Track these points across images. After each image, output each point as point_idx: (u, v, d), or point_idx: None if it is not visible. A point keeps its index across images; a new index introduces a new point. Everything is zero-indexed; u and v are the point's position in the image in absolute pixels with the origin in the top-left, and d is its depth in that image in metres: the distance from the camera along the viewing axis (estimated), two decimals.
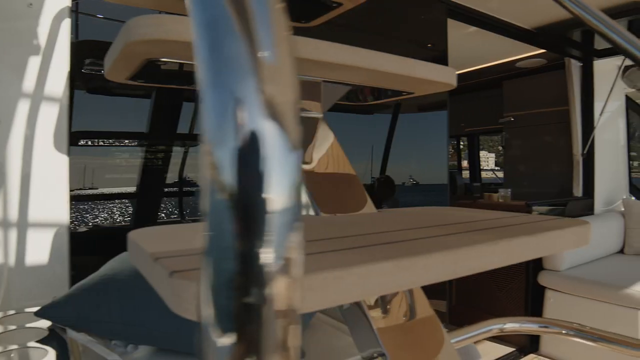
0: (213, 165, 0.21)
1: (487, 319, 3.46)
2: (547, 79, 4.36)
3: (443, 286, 2.95)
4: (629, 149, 4.74)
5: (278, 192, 0.21)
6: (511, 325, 0.95)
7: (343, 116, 2.74)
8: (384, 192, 3.06)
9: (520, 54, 4.17)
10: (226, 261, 0.21)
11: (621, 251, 4.08)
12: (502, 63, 4.41)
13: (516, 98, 4.74)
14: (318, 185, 0.97)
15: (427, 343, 0.81)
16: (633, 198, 4.53)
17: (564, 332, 0.92)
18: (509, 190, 3.77)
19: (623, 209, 4.16)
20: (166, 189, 2.11)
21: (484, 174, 7.12)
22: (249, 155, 0.20)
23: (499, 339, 3.61)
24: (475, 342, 3.41)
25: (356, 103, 1.32)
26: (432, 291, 2.90)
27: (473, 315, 3.77)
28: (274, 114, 0.21)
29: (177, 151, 2.11)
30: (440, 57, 2.94)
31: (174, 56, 0.74)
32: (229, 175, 0.20)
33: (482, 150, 9.73)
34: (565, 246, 0.76)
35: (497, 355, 3.40)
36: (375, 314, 0.78)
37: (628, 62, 4.52)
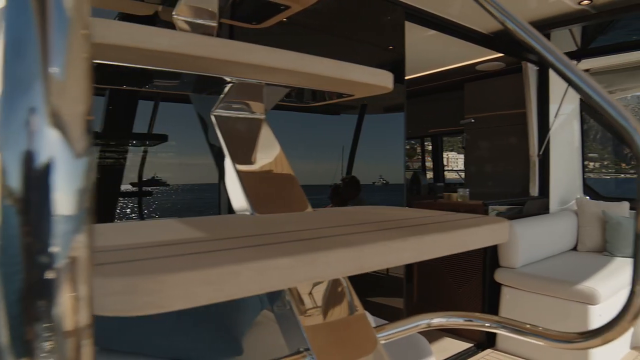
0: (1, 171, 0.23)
1: None
2: (506, 82, 4.49)
3: (401, 284, 3.01)
4: (584, 151, 4.92)
5: (63, 197, 0.23)
6: (438, 320, 0.99)
7: (310, 117, 2.76)
8: (349, 193, 3.10)
9: (480, 57, 4.29)
10: (14, 269, 0.23)
11: (575, 248, 4.24)
12: (463, 66, 4.52)
13: (476, 100, 4.86)
14: (256, 186, 0.99)
15: (355, 340, 0.84)
16: (587, 197, 4.70)
17: (487, 324, 0.97)
18: (467, 190, 3.87)
19: (576, 208, 4.32)
20: (123, 189, 2.10)
21: (450, 175, 7.26)
22: (34, 163, 0.23)
23: (458, 335, 3.70)
24: (436, 339, 3.49)
25: (299, 104, 1.35)
26: (390, 290, 2.96)
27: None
28: (60, 124, 0.23)
29: (134, 150, 2.10)
30: (399, 59, 3.00)
31: (103, 58, 0.76)
32: (15, 182, 0.23)
33: (452, 151, 9.91)
34: (482, 242, 0.80)
35: (455, 351, 3.48)
36: (304, 312, 0.81)
37: (583, 66, 4.69)
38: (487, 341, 3.56)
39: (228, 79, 0.94)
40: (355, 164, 2.97)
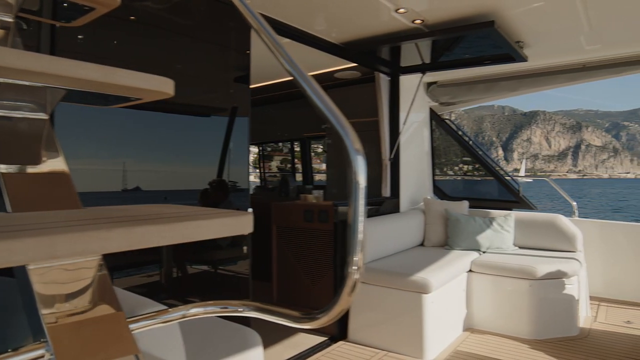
0: None
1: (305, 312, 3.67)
2: (362, 90, 4.81)
3: (246, 284, 3.07)
4: (434, 155, 5.42)
5: None
6: (195, 310, 1.06)
7: (184, 118, 2.72)
8: (218, 196, 3.11)
9: (337, 66, 4.54)
10: None
11: (422, 244, 4.65)
12: (323, 73, 4.75)
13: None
14: (17, 185, 0.99)
15: (103, 333, 0.88)
16: (435, 197, 5.18)
17: (240, 309, 1.06)
18: (321, 191, 4.09)
19: (424, 207, 4.75)
20: None
21: (322, 177, 7.55)
22: None
23: (312, 330, 3.87)
24: (291, 334, 3.61)
25: (99, 105, 1.36)
26: (235, 289, 3.01)
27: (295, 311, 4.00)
28: None
29: None
30: (243, 64, 3.06)
31: None
32: None
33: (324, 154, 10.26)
34: (218, 233, 0.89)
35: (309, 345, 3.63)
36: (47, 304, 0.84)
37: (430, 78, 5.17)
38: (340, 334, 3.77)
39: None
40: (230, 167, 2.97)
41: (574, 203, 5.36)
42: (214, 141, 2.88)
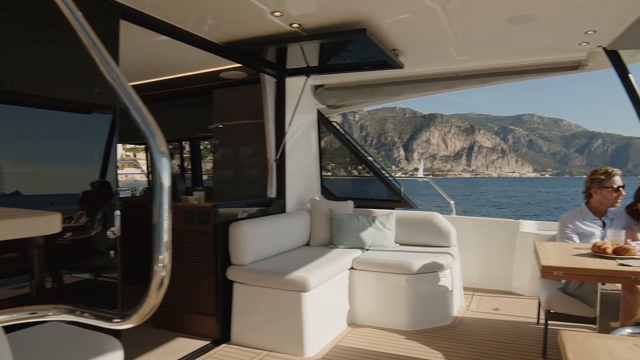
0: None
1: (186, 317, 3.57)
2: (248, 91, 4.79)
3: (114, 289, 2.94)
4: (321, 156, 5.54)
5: None
6: (2, 317, 1.03)
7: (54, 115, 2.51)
8: (100, 198, 2.91)
9: (223, 66, 4.48)
10: None
11: (308, 243, 4.74)
12: (209, 72, 4.67)
13: (224, 106, 5.08)
14: None
15: None
16: (323, 198, 5.30)
17: (50, 313, 1.03)
18: (203, 192, 4.03)
19: (310, 208, 4.84)
20: None
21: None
22: None
23: (194, 333, 3.80)
24: (170, 339, 3.50)
25: None
26: (102, 296, 2.87)
27: (176, 316, 3.89)
28: None
29: None
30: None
31: None
32: None
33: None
34: (28, 232, 0.86)
35: (190, 350, 3.56)
36: None
37: (318, 81, 5.28)
38: (223, 337, 3.74)
39: None
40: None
41: (452, 202, 5.77)
42: (78, 141, 2.71)
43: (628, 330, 2.04)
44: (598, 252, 2.87)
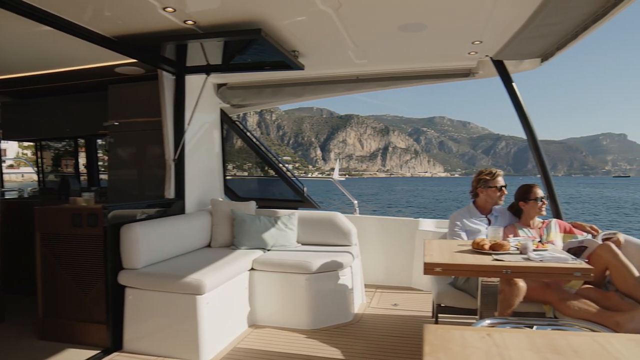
0: None
1: (75, 326, 3.33)
2: (147, 88, 4.60)
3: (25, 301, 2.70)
4: (224, 156, 5.46)
5: None
6: None
7: None
8: None
9: (118, 60, 4.27)
10: None
11: (209, 245, 4.65)
12: (104, 67, 4.43)
13: (120, 103, 4.85)
14: None
15: None
16: (226, 198, 5.23)
17: None
18: (92, 194, 3.80)
19: (211, 209, 4.75)
20: None
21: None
22: None
23: (81, 342, 3.59)
24: (57, 351, 3.26)
25: None
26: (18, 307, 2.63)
27: (65, 326, 3.65)
28: None
29: None
30: None
31: None
32: None
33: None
34: None
35: (81, 359, 3.36)
36: None
37: (221, 80, 5.20)
38: (114, 346, 3.56)
39: None
40: None
41: (355, 201, 5.93)
42: None
43: (488, 321, 2.21)
44: (477, 248, 3.07)
